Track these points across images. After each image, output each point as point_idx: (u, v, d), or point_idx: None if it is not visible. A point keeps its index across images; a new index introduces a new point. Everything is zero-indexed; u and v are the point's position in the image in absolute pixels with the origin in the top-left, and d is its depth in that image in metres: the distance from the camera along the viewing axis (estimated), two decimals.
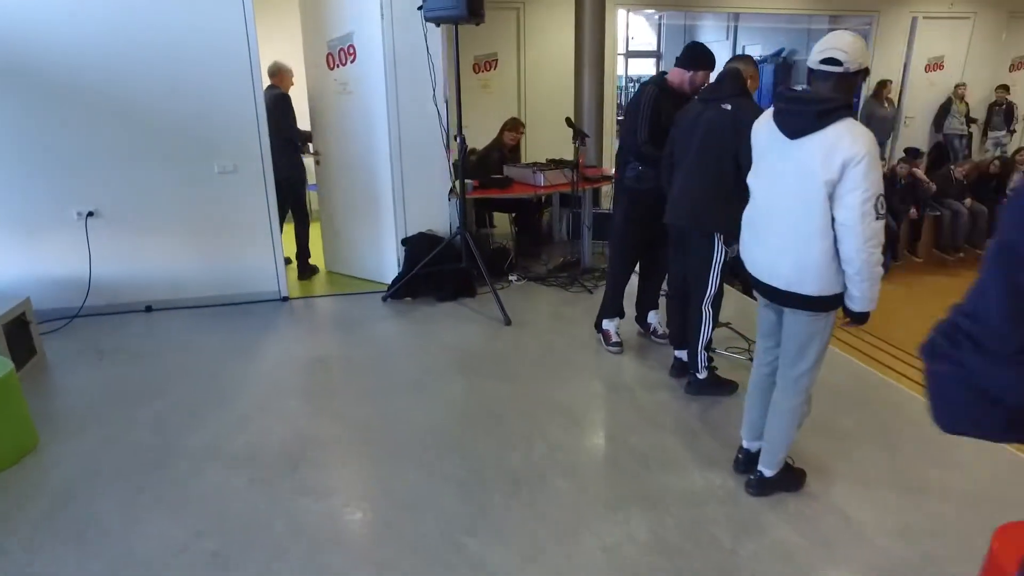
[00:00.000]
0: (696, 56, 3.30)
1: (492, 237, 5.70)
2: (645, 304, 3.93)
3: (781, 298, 2.20)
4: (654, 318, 3.92)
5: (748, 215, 2.29)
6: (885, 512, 2.40)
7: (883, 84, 8.50)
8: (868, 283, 2.05)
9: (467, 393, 3.32)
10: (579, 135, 4.63)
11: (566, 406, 3.17)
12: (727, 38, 13.10)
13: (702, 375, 3.22)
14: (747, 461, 2.62)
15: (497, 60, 7.66)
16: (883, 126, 8.54)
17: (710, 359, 3.21)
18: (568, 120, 4.77)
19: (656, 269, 3.79)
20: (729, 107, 2.87)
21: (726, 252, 3.05)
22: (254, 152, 4.29)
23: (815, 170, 2.00)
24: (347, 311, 4.50)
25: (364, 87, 4.52)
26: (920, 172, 7.56)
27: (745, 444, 2.63)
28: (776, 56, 11.92)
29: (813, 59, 2.06)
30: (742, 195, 2.99)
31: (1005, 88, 9.09)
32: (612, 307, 3.78)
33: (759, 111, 2.92)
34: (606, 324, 3.81)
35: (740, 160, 2.87)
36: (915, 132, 9.20)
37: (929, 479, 2.61)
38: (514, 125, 5.56)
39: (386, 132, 4.50)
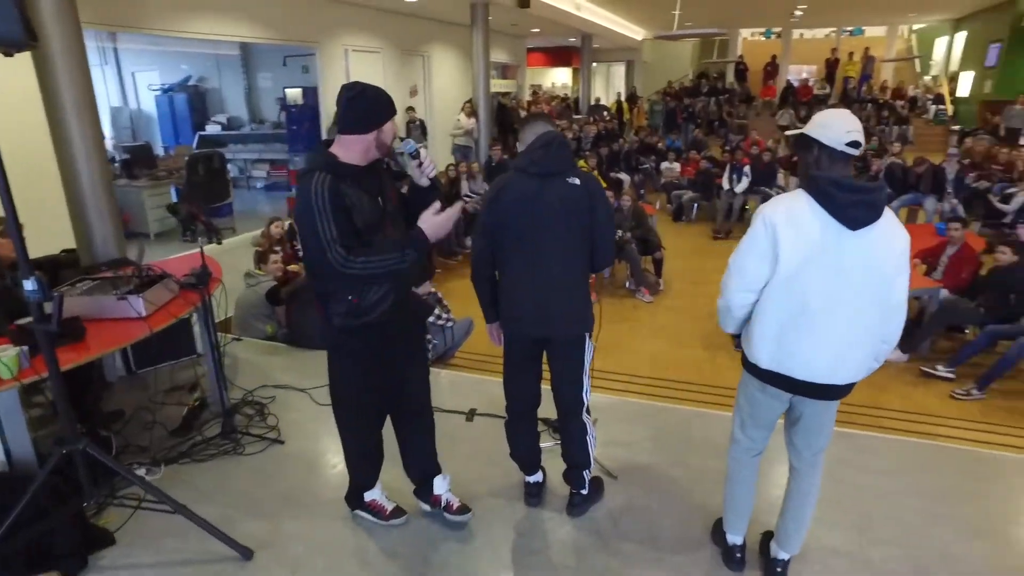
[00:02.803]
0: (379, 104, 2.18)
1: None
2: (421, 466, 2.67)
3: (833, 393, 2.05)
4: (444, 486, 2.66)
5: (789, 317, 1.98)
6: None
7: None
8: None
9: None
10: (205, 229, 3.05)
11: None
12: (106, 63, 10.87)
13: (587, 491, 2.73)
14: (744, 556, 2.42)
15: None
16: None
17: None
18: (173, 207, 3.08)
19: (420, 407, 2.58)
20: (578, 181, 2.40)
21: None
22: None
23: (885, 260, 1.92)
24: None
25: None
26: None
27: (739, 540, 2.41)
28: (185, 84, 10.64)
29: (836, 140, 1.92)
30: None
31: (412, 109, 10.66)
32: (372, 471, 2.63)
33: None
34: (370, 495, 2.66)
35: (598, 243, 2.47)
36: None
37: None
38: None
39: None
